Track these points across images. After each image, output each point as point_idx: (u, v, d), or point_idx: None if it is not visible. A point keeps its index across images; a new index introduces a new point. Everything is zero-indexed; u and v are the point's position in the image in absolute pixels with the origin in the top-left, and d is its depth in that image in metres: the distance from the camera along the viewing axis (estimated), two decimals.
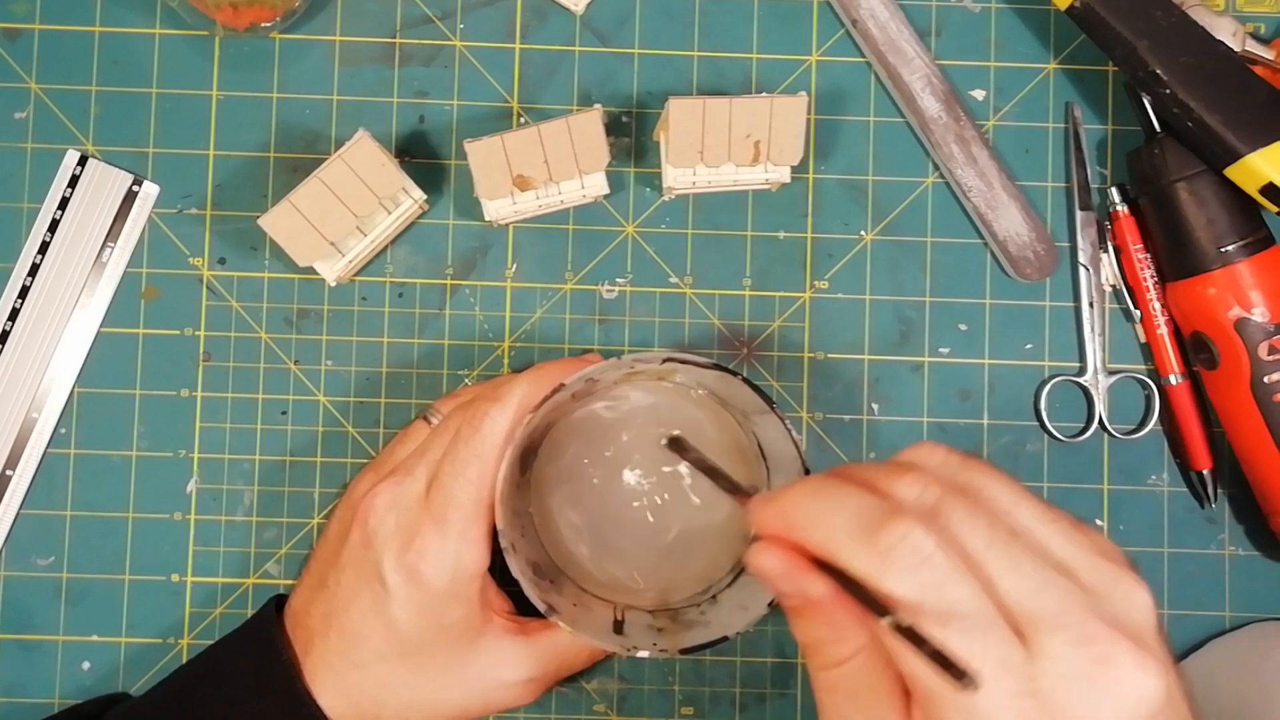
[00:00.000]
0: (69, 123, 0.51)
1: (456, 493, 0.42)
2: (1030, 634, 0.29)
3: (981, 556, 0.30)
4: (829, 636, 0.32)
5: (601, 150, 0.47)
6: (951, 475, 0.33)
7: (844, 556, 0.31)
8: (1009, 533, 0.31)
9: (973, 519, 0.31)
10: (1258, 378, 0.48)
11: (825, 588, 0.31)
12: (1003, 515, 0.32)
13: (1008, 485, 0.33)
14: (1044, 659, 0.29)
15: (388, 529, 0.42)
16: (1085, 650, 0.29)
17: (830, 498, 0.32)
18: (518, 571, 0.43)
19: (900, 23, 0.51)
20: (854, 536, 0.30)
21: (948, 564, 0.30)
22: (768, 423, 0.45)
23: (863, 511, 0.31)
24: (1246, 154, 0.46)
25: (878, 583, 0.30)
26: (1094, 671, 0.29)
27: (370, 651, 0.43)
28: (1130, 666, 0.29)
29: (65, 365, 0.51)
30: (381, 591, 0.42)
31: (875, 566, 0.30)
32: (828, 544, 0.31)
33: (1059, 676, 0.29)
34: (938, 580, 0.29)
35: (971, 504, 0.31)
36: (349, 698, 0.43)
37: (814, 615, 0.32)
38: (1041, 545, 0.31)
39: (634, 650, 0.44)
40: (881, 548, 0.30)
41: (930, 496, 0.31)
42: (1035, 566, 0.30)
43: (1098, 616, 0.29)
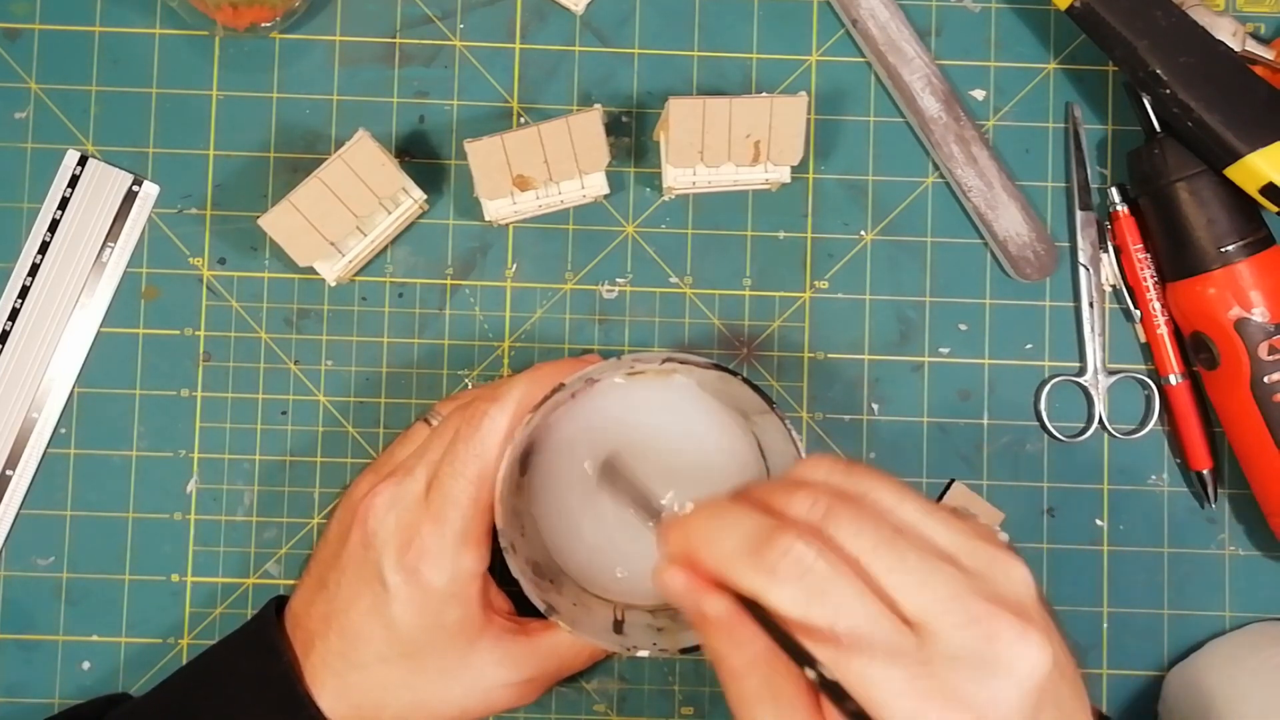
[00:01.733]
0: (69, 123, 0.51)
1: (456, 493, 0.42)
2: (920, 621, 0.31)
3: (868, 557, 0.32)
4: (729, 649, 0.33)
5: (601, 150, 0.47)
6: (839, 485, 0.35)
7: (735, 575, 0.33)
8: (892, 531, 0.33)
9: (858, 523, 0.33)
10: (1258, 378, 0.48)
11: (722, 605, 0.33)
12: (887, 515, 0.34)
13: (890, 486, 0.35)
14: (935, 643, 0.31)
15: (387, 529, 0.42)
16: (972, 630, 0.31)
17: (723, 521, 0.34)
18: (517, 571, 0.43)
19: (900, 23, 0.51)
20: (743, 556, 0.33)
21: (829, 570, 0.32)
22: (768, 423, 0.45)
23: (751, 531, 0.33)
24: (1246, 154, 0.46)
25: (765, 597, 0.32)
26: (982, 648, 0.31)
27: (370, 652, 0.43)
28: (1014, 638, 0.31)
29: (65, 365, 0.51)
30: (382, 592, 0.42)
31: (762, 582, 0.32)
32: (721, 565, 0.33)
33: (950, 658, 0.31)
34: (821, 587, 0.31)
35: (856, 509, 0.33)
36: (349, 699, 0.43)
37: (715, 630, 0.34)
38: (925, 538, 0.33)
39: (634, 650, 0.44)
40: (767, 564, 0.32)
41: (819, 509, 0.33)
42: (919, 558, 0.32)
43: (981, 596, 0.31)
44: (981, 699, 0.30)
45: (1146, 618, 0.52)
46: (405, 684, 0.43)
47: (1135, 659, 0.51)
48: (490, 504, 0.43)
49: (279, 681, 0.43)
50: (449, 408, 0.47)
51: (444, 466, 0.43)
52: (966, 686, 0.30)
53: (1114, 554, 0.52)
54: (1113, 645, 0.51)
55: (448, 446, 0.43)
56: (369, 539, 0.43)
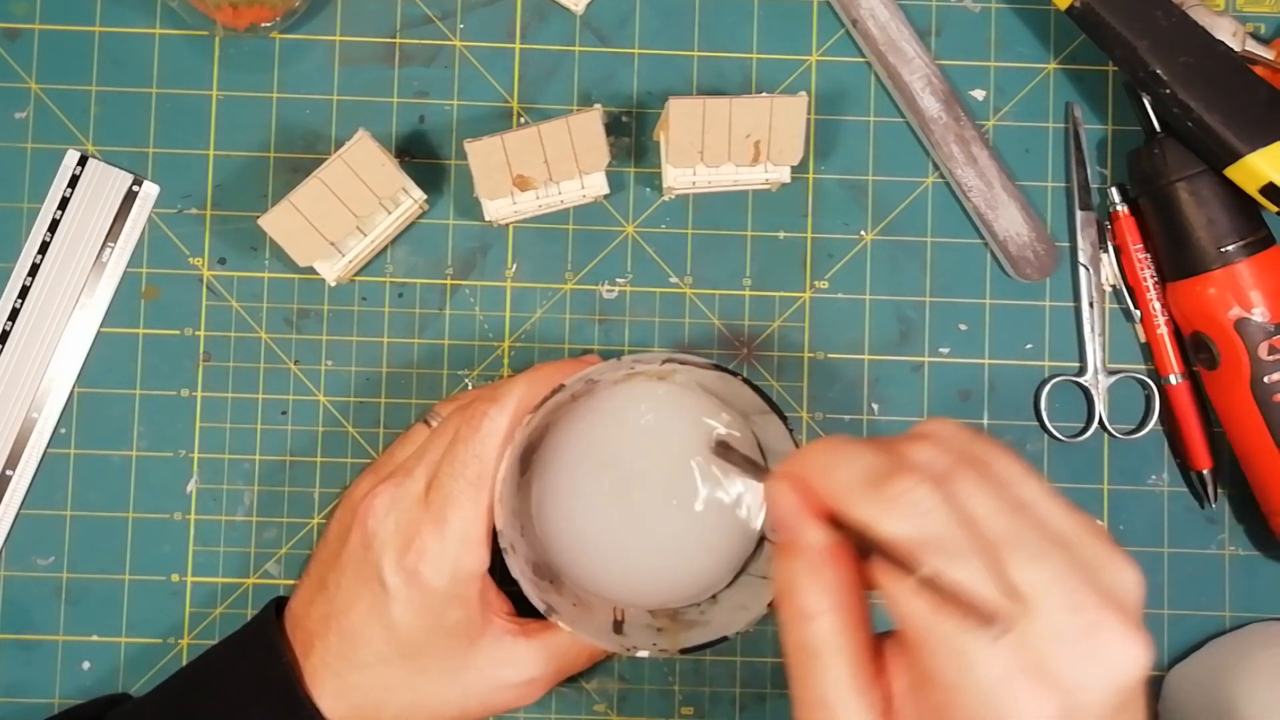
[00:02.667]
0: (69, 123, 0.51)
1: (456, 494, 0.42)
2: (1026, 594, 0.30)
3: (986, 521, 0.31)
4: (806, 586, 0.33)
5: (601, 150, 0.47)
6: (963, 447, 0.34)
7: (850, 502, 0.32)
8: (1014, 503, 0.32)
9: (981, 486, 0.32)
10: (1258, 378, 0.48)
11: (823, 537, 0.33)
12: (1010, 487, 0.33)
13: (1015, 461, 0.34)
14: (1036, 618, 0.30)
15: (387, 530, 0.42)
16: (1077, 616, 0.30)
17: (845, 452, 0.33)
18: (517, 572, 0.43)
19: (900, 23, 0.51)
20: (862, 485, 0.32)
21: (948, 519, 0.31)
22: (768, 423, 0.45)
23: (874, 465, 0.32)
24: (1246, 154, 0.46)
25: (877, 526, 0.31)
26: (1084, 636, 0.30)
27: (370, 653, 0.43)
28: (1118, 636, 0.30)
29: (65, 365, 0.51)
30: (381, 593, 0.42)
31: (877, 512, 0.31)
32: (837, 490, 0.32)
33: (1050, 637, 0.30)
34: (937, 531, 0.31)
35: (980, 472, 0.32)
36: (349, 700, 0.43)
37: (801, 559, 0.33)
38: (1043, 518, 0.32)
39: (634, 650, 0.44)
40: (886, 496, 0.31)
41: (943, 462, 0.32)
42: (1036, 535, 0.31)
43: (1091, 587, 0.31)
44: (1071, 683, 0.30)
45: (1146, 618, 0.51)
46: (405, 684, 0.43)
47: None
48: (490, 505, 0.43)
49: (279, 682, 0.43)
50: (449, 408, 0.47)
51: (443, 467, 0.43)
52: (1059, 667, 0.30)
53: None
54: None
55: (447, 447, 0.43)
56: (369, 540, 0.43)
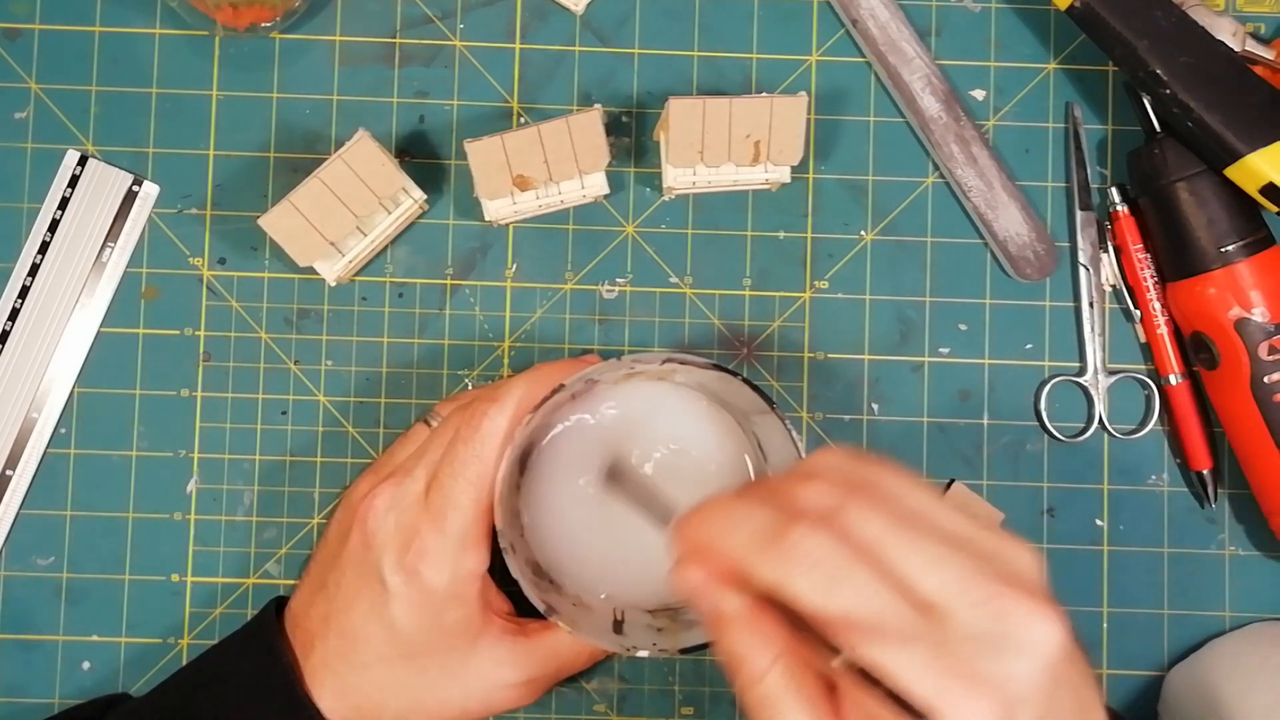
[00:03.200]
0: (69, 123, 0.51)
1: (456, 494, 0.42)
2: (935, 603, 0.31)
3: (881, 544, 0.32)
4: (747, 649, 0.33)
5: (601, 150, 0.47)
6: (849, 474, 0.35)
7: (751, 567, 0.33)
8: (904, 517, 0.33)
9: (869, 510, 0.33)
10: (1258, 378, 0.48)
11: (740, 602, 0.33)
12: (897, 502, 0.34)
13: (900, 476, 0.35)
14: (950, 624, 0.31)
15: (387, 530, 0.42)
16: (985, 609, 0.31)
17: (735, 514, 0.34)
18: (517, 572, 0.43)
19: (900, 23, 0.51)
20: (758, 548, 0.33)
21: (843, 557, 0.32)
22: (768, 423, 0.45)
23: (765, 523, 0.33)
24: (1246, 154, 0.46)
25: (784, 588, 0.32)
26: (996, 626, 0.31)
27: (370, 653, 0.43)
28: (1026, 615, 0.31)
29: (65, 365, 0.51)
30: (381, 593, 0.42)
31: (779, 573, 0.32)
32: (736, 557, 0.33)
33: (966, 637, 0.31)
34: (837, 575, 0.32)
35: (868, 497, 0.33)
36: (349, 700, 0.43)
37: (734, 628, 0.34)
38: (934, 524, 0.33)
39: (634, 650, 0.44)
40: (782, 554, 0.32)
41: (832, 499, 0.33)
42: (931, 543, 0.32)
43: (992, 577, 0.32)
44: (1000, 675, 0.31)
45: (1147, 618, 0.52)
46: (405, 684, 0.43)
47: (1135, 659, 0.51)
48: (490, 505, 0.43)
49: (279, 683, 0.43)
50: (449, 408, 0.47)
51: (443, 467, 0.43)
52: (984, 663, 0.31)
53: (1114, 554, 0.52)
54: (1113, 645, 0.51)
55: (447, 447, 0.43)
56: (369, 540, 0.43)
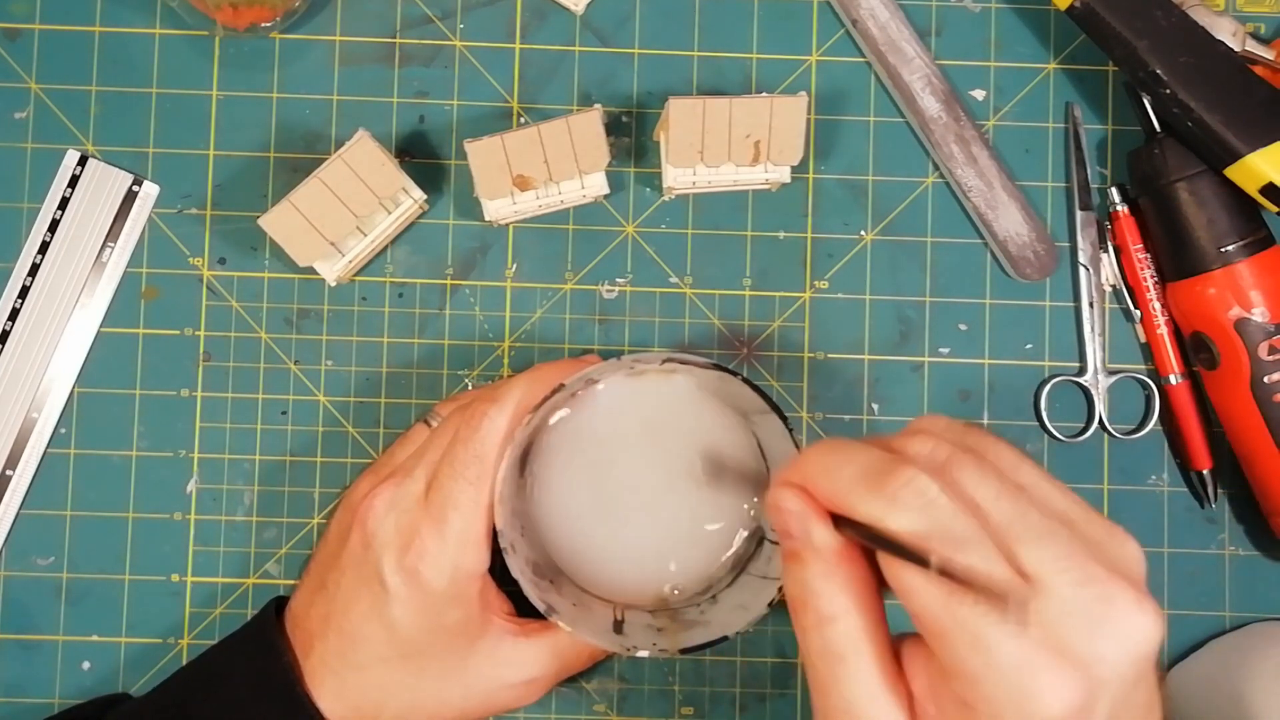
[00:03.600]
0: (69, 123, 0.51)
1: (455, 494, 0.42)
2: (1036, 574, 0.31)
3: (990, 505, 0.32)
4: (826, 588, 0.33)
5: (601, 150, 0.47)
6: (958, 438, 0.34)
7: (853, 502, 0.32)
8: (1014, 487, 0.33)
9: (981, 473, 0.32)
10: (1258, 378, 0.48)
11: (832, 538, 0.33)
12: (1007, 473, 0.33)
13: (1010, 449, 0.35)
14: (1048, 596, 0.30)
15: (387, 531, 0.42)
16: (1088, 590, 0.31)
17: (843, 452, 0.34)
18: (517, 571, 0.43)
19: (900, 22, 0.51)
20: (863, 483, 0.32)
21: (951, 506, 0.31)
22: (768, 423, 0.45)
23: (873, 463, 0.33)
24: (1246, 154, 0.46)
25: (883, 522, 0.31)
26: (1096, 609, 0.30)
27: (370, 653, 0.43)
28: (1130, 605, 0.31)
29: (65, 365, 0.51)
30: (381, 593, 0.42)
31: (881, 508, 0.31)
32: (840, 491, 0.33)
33: (1063, 613, 0.30)
34: (943, 520, 0.31)
35: (978, 461, 0.33)
36: (348, 700, 0.43)
37: (813, 564, 0.33)
38: (1044, 500, 0.33)
39: (634, 650, 0.44)
40: (889, 491, 0.32)
41: (941, 453, 0.33)
42: (1039, 515, 0.32)
43: (1098, 561, 0.31)
44: (1089, 655, 0.30)
45: None
46: (405, 685, 0.43)
47: None
48: (489, 505, 0.43)
49: (279, 683, 0.43)
50: (449, 409, 0.47)
51: (443, 468, 0.43)
52: (1075, 642, 0.30)
53: None
54: None
55: (447, 448, 0.43)
56: (368, 540, 0.43)
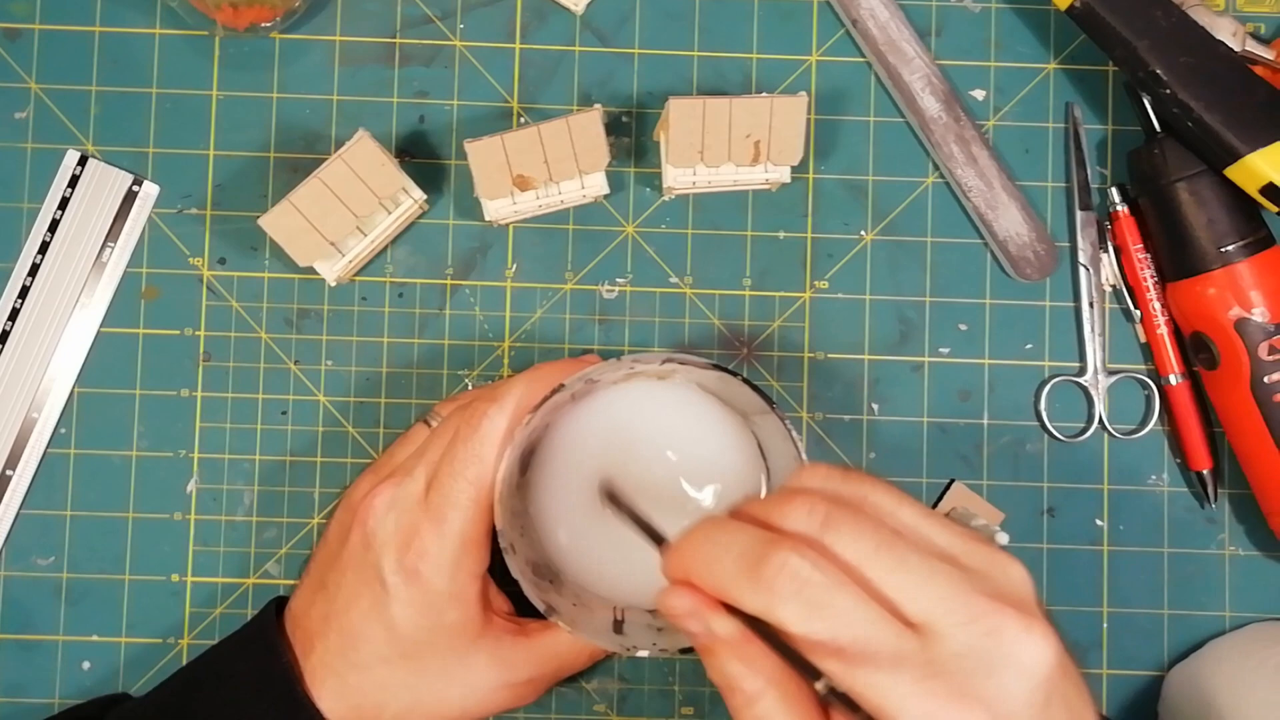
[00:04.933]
0: (69, 123, 0.51)
1: (455, 493, 0.42)
2: (923, 622, 0.31)
3: (868, 562, 0.32)
4: (740, 672, 0.33)
5: (601, 150, 0.47)
6: (835, 491, 0.34)
7: (735, 596, 0.33)
8: (892, 534, 0.33)
9: (856, 529, 0.33)
10: (1258, 378, 0.48)
11: (731, 626, 0.33)
12: (885, 519, 0.34)
13: (887, 491, 0.35)
14: (940, 643, 0.31)
15: (387, 530, 0.42)
16: (975, 627, 0.31)
17: (719, 540, 0.34)
18: (517, 572, 0.43)
19: (900, 23, 0.51)
20: (741, 575, 0.32)
21: (827, 581, 0.31)
22: (768, 423, 0.45)
23: (747, 548, 0.33)
24: (1246, 154, 0.46)
25: (769, 615, 0.32)
26: (987, 644, 0.31)
27: (370, 653, 0.43)
28: (1018, 632, 0.31)
29: (65, 365, 0.51)
30: (381, 593, 0.42)
31: (763, 601, 0.32)
32: (721, 586, 0.33)
33: (955, 655, 0.31)
34: (820, 599, 0.31)
35: (854, 515, 0.33)
36: (349, 700, 0.43)
37: (724, 653, 0.34)
38: (924, 539, 0.33)
39: (634, 650, 0.44)
40: (765, 581, 0.32)
41: (816, 518, 0.33)
42: (920, 559, 0.32)
43: (982, 594, 0.32)
44: (990, 694, 0.30)
45: (1146, 618, 0.52)
46: (405, 684, 0.43)
47: (1135, 659, 0.51)
48: (489, 505, 0.43)
49: (279, 683, 0.43)
50: (449, 409, 0.47)
51: (443, 467, 0.43)
52: (975, 683, 0.30)
53: (1114, 554, 0.52)
54: (1113, 645, 0.51)
55: (447, 448, 0.43)
56: (369, 540, 0.43)
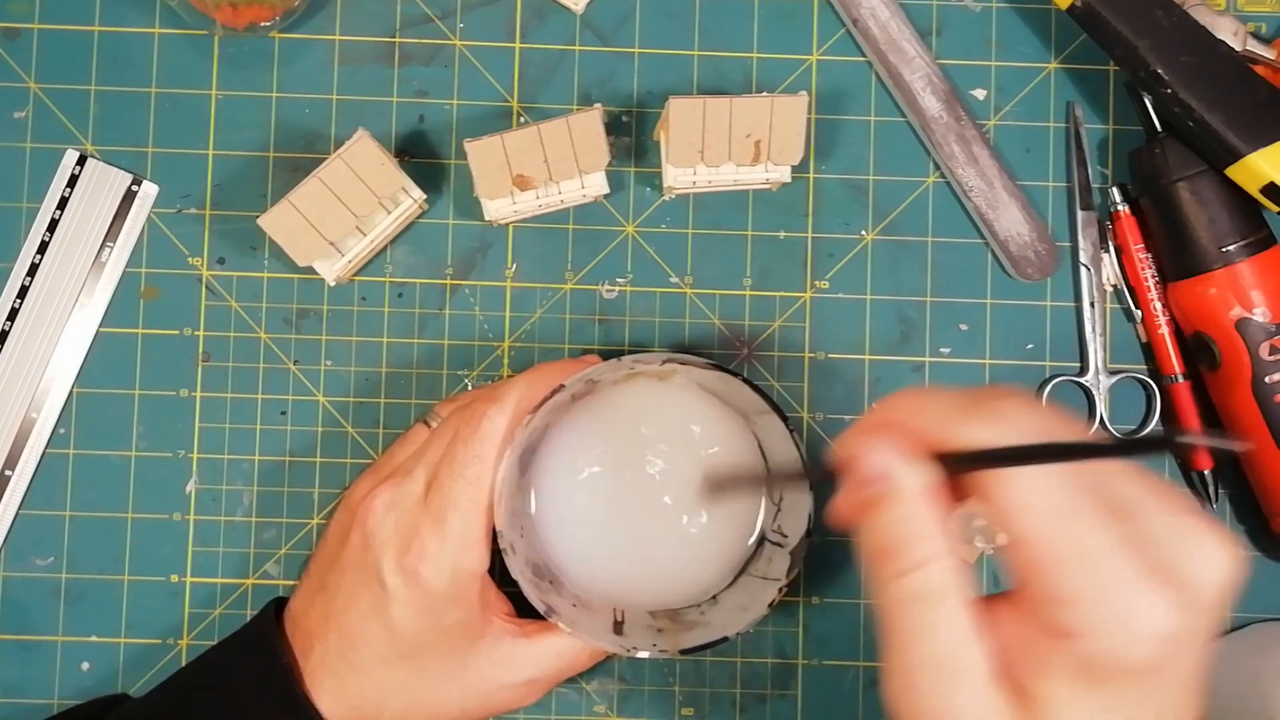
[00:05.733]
0: (68, 122, 0.51)
1: (455, 494, 0.42)
2: (1128, 501, 0.30)
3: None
4: (916, 531, 0.31)
5: (601, 150, 0.47)
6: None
7: (953, 428, 0.31)
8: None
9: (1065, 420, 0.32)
10: (1259, 378, 0.48)
11: (924, 476, 0.31)
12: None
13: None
14: (1143, 520, 0.30)
15: (387, 531, 0.42)
16: (1179, 519, 0.30)
17: (929, 393, 0.33)
18: (517, 573, 0.43)
19: (901, 22, 0.51)
20: (960, 410, 0.31)
21: (1052, 417, 0.30)
22: (768, 423, 0.45)
23: (964, 395, 0.31)
24: (1248, 153, 0.46)
25: (991, 438, 0.30)
26: (1188, 535, 0.30)
27: (370, 654, 0.43)
28: (1216, 535, 0.30)
29: (64, 365, 0.51)
30: (381, 593, 0.42)
31: (987, 425, 0.30)
32: (935, 422, 0.31)
33: (1158, 536, 0.30)
34: (1047, 428, 0.30)
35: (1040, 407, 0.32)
36: (348, 700, 0.43)
37: (904, 505, 0.31)
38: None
39: (634, 651, 0.44)
40: (988, 409, 0.30)
41: (1029, 402, 0.32)
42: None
43: (1179, 501, 0.31)
44: (1186, 570, 0.30)
45: None
46: (404, 685, 0.43)
47: None
48: (489, 505, 0.42)
49: (278, 683, 0.43)
50: (448, 409, 0.47)
51: (443, 468, 0.43)
52: (1178, 563, 0.30)
53: None
54: None
55: (447, 448, 0.43)
56: (368, 540, 0.43)
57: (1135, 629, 0.29)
